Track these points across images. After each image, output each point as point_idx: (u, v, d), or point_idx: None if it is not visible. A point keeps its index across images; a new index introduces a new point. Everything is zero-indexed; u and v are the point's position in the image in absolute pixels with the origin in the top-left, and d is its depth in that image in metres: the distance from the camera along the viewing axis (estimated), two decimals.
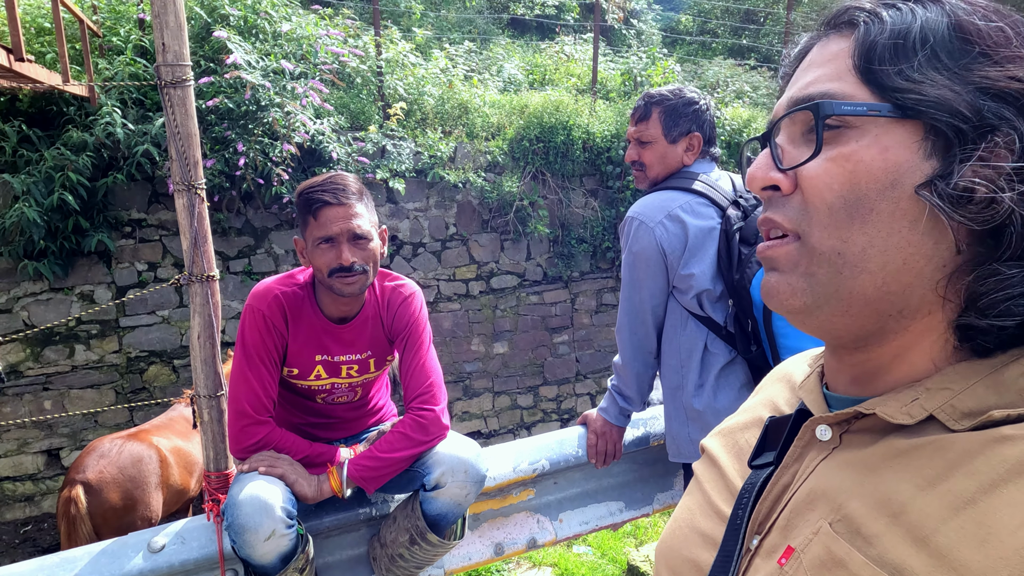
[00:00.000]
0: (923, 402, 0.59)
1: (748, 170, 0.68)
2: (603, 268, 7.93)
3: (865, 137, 0.59)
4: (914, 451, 0.58)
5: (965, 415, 0.57)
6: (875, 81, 0.59)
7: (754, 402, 0.86)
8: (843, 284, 0.61)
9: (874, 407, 0.62)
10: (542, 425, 7.91)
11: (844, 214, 0.60)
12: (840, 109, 0.60)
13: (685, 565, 0.74)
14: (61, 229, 5.58)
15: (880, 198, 0.58)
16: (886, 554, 0.54)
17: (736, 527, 0.69)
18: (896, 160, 0.58)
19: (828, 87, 0.62)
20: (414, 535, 2.10)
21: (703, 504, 0.78)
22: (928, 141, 0.57)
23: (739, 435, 0.81)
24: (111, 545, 2.02)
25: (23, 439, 5.97)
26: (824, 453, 0.65)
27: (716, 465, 0.80)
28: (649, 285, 2.23)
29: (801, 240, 0.64)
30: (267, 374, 2.05)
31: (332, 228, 1.95)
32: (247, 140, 5.84)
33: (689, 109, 2.25)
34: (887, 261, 0.59)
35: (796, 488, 0.65)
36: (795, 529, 0.63)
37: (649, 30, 11.65)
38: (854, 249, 0.60)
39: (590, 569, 3.59)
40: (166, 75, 1.97)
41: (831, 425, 0.66)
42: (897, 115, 0.58)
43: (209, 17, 6.23)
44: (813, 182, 0.62)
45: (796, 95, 0.65)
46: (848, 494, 0.60)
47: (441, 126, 7.27)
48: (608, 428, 2.44)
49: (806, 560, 0.59)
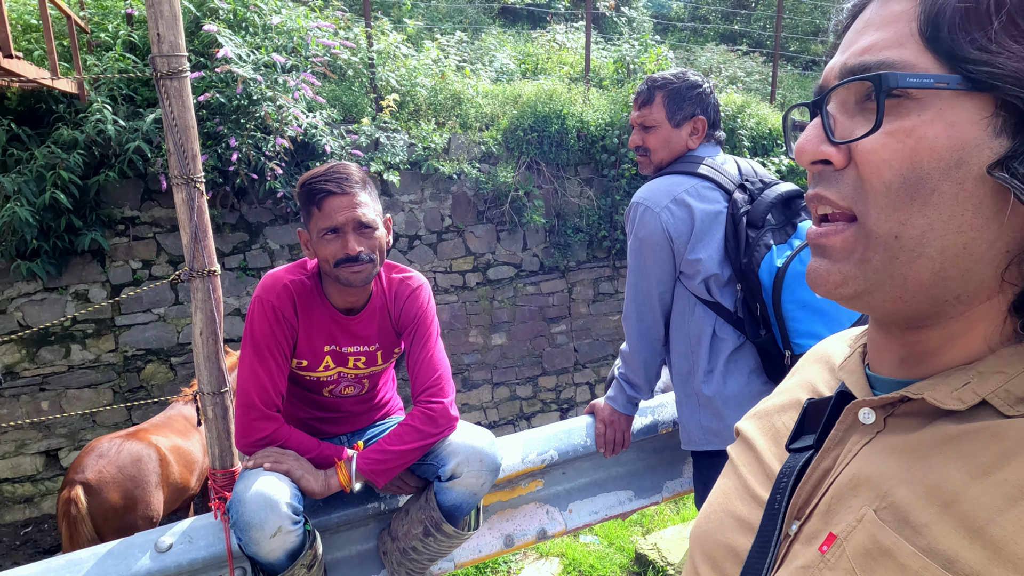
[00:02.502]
0: (975, 386, 0.56)
1: (796, 142, 0.63)
2: (600, 257, 7.90)
3: (928, 111, 0.55)
4: (965, 437, 0.55)
5: (1021, 400, 0.54)
6: (943, 50, 0.54)
7: (791, 383, 0.83)
8: (898, 269, 0.57)
9: (922, 391, 0.59)
10: (541, 416, 7.90)
11: (904, 194, 0.56)
12: (905, 82, 0.54)
13: (721, 550, 0.72)
14: (54, 228, 5.53)
15: (943, 178, 0.54)
16: (936, 544, 0.52)
17: (774, 512, 0.66)
18: (962, 137, 0.53)
19: (888, 55, 0.56)
20: (428, 526, 2.08)
21: (739, 488, 0.75)
22: (999, 117, 0.53)
23: (775, 417, 0.78)
24: (117, 546, 1.99)
25: (21, 440, 5.93)
26: (867, 437, 0.62)
27: (752, 448, 0.78)
28: (656, 271, 2.20)
29: (857, 222, 0.59)
30: (276, 367, 2.01)
31: (337, 218, 1.92)
32: (239, 135, 5.78)
33: (693, 92, 2.22)
34: (947, 246, 0.55)
35: (838, 473, 0.63)
36: (837, 515, 0.60)
37: (641, 17, 11.59)
38: (913, 232, 0.56)
39: (598, 558, 3.58)
40: (162, 66, 1.93)
41: (875, 408, 0.63)
42: (966, 87, 0.53)
43: (198, 11, 6.16)
44: (870, 157, 0.57)
45: (851, 62, 0.59)
46: (894, 480, 0.57)
47: (434, 117, 7.22)
48: (616, 417, 2.42)
49: (849, 548, 0.57)
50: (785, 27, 12.53)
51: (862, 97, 0.60)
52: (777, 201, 2.13)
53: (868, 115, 0.58)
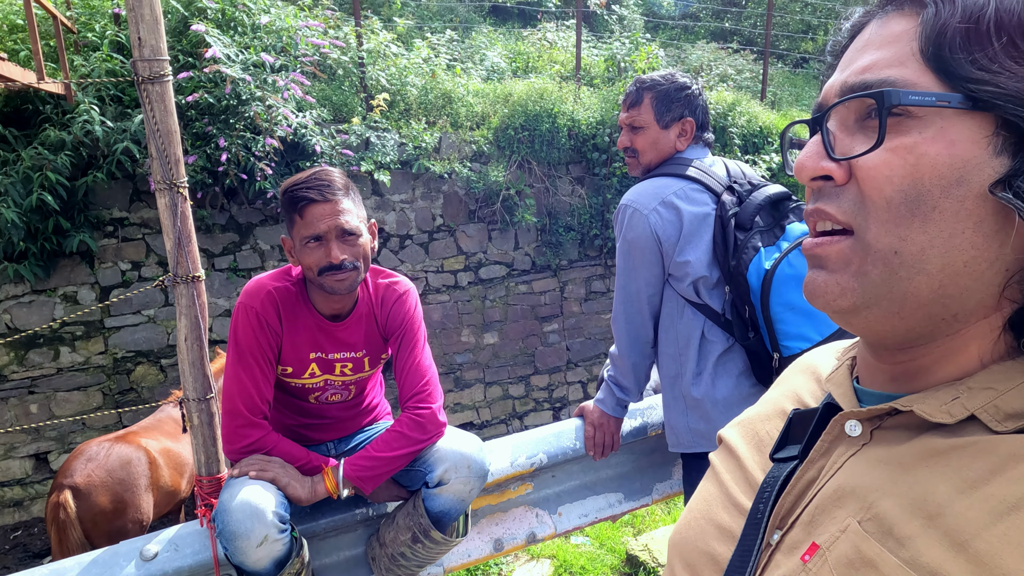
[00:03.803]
0: (964, 401, 0.56)
1: (796, 159, 0.64)
2: (591, 256, 7.89)
3: (929, 129, 0.55)
4: (953, 452, 0.55)
5: (1009, 416, 0.54)
6: (944, 69, 0.55)
7: (776, 393, 0.82)
8: (897, 285, 0.57)
9: (911, 404, 0.59)
10: (534, 415, 7.89)
11: (904, 210, 0.56)
12: (908, 99, 0.55)
13: (701, 558, 0.72)
14: (41, 230, 5.48)
15: (944, 196, 0.54)
16: (920, 557, 0.51)
17: (757, 521, 0.66)
18: (963, 155, 0.54)
19: (889, 74, 0.57)
20: (417, 533, 2.07)
21: (721, 496, 0.75)
22: (999, 137, 0.53)
23: (759, 426, 0.78)
24: (102, 554, 1.97)
25: (10, 444, 5.88)
26: (853, 449, 0.62)
27: (734, 456, 0.77)
28: (644, 273, 2.20)
29: (855, 236, 0.59)
30: (261, 374, 2.00)
31: (319, 226, 1.90)
32: (229, 135, 5.74)
33: (681, 94, 2.21)
34: (947, 263, 0.55)
35: (823, 484, 0.63)
36: (820, 526, 0.60)
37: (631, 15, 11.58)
38: (912, 248, 0.56)
39: (589, 560, 3.57)
40: (143, 71, 1.91)
41: (862, 421, 0.63)
42: (967, 107, 0.53)
43: (186, 11, 6.11)
44: (871, 173, 0.57)
45: (852, 80, 0.60)
46: (880, 492, 0.57)
47: (425, 116, 7.20)
48: (605, 419, 2.41)
49: (832, 558, 0.57)
50: (775, 25, 12.55)
51: (862, 115, 0.60)
52: (765, 203, 2.12)
53: (868, 133, 0.59)
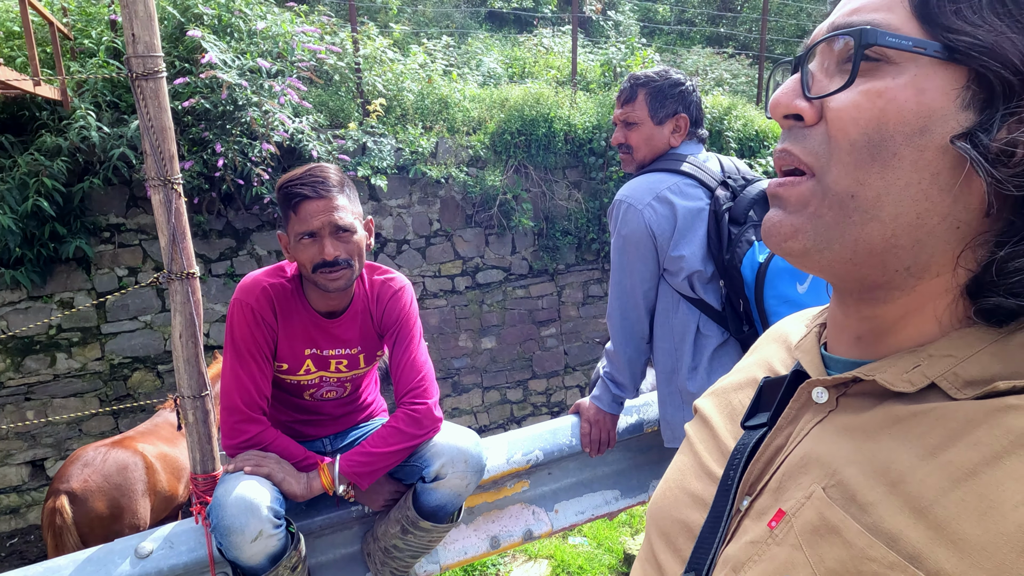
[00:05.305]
0: (924, 369, 0.57)
1: (772, 95, 0.64)
2: (588, 260, 7.90)
3: (902, 75, 0.55)
4: (914, 419, 0.56)
5: (968, 384, 0.54)
6: (929, 17, 0.55)
7: (748, 362, 0.83)
8: (849, 230, 0.58)
9: (873, 373, 0.59)
10: (532, 419, 7.88)
11: (866, 154, 0.57)
12: (884, 40, 0.56)
13: (675, 526, 0.72)
14: (38, 236, 5.48)
15: (906, 143, 0.55)
16: (882, 523, 0.52)
17: (727, 488, 0.67)
18: (931, 105, 0.54)
19: (875, 16, 0.57)
20: (405, 525, 2.07)
21: (694, 465, 0.76)
22: (969, 91, 0.54)
23: (732, 395, 0.79)
24: (97, 552, 1.96)
25: (6, 450, 5.87)
26: (820, 416, 0.63)
27: (708, 425, 0.78)
28: (639, 268, 2.20)
29: (816, 178, 0.60)
30: (258, 369, 1.99)
31: (313, 222, 1.90)
32: (225, 140, 5.75)
33: (675, 90, 2.22)
34: (900, 212, 0.56)
35: (790, 451, 0.64)
36: (787, 492, 0.61)
37: (627, 20, 11.63)
38: (869, 194, 0.57)
39: (587, 560, 3.56)
40: (137, 67, 1.91)
41: (828, 388, 0.64)
42: (943, 56, 0.54)
43: (182, 16, 6.13)
44: (839, 114, 0.58)
45: (838, 21, 0.61)
46: (844, 460, 0.58)
47: (421, 122, 7.21)
48: (601, 416, 2.41)
49: (797, 524, 0.58)
50: (771, 29, 12.60)
51: (843, 59, 0.60)
52: (759, 197, 2.13)
53: (846, 75, 0.59)
